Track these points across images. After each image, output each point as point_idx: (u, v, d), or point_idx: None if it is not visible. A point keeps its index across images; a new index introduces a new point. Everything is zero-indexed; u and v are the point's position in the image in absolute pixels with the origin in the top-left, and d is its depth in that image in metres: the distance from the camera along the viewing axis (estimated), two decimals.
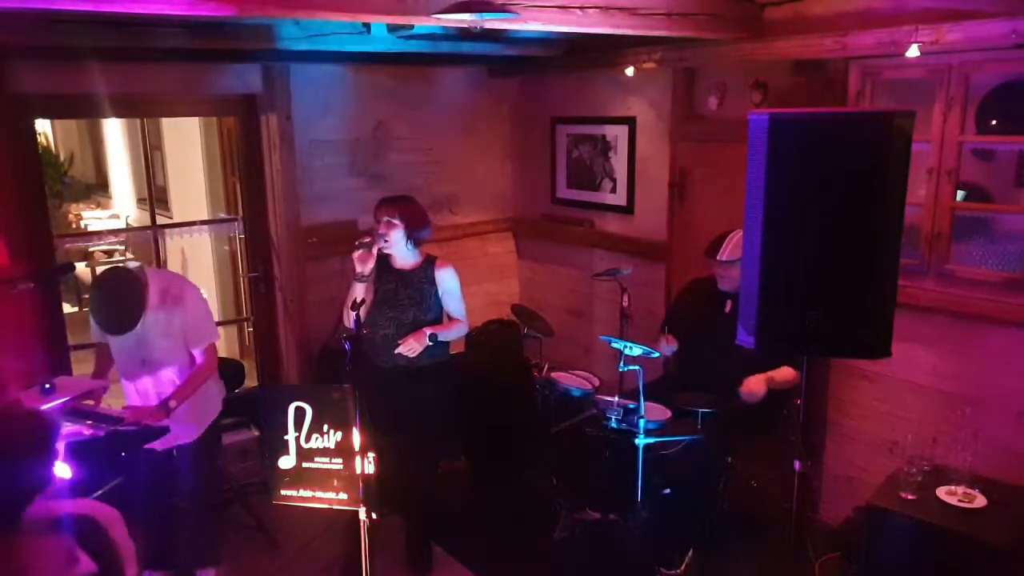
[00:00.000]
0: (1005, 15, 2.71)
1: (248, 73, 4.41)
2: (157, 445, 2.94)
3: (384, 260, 3.41)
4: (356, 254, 3.24)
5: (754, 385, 3.43)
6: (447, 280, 3.43)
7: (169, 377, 3.25)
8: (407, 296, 3.38)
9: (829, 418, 3.89)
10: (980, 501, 2.97)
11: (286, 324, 4.75)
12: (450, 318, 3.48)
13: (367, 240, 3.26)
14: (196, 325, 3.24)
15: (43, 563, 1.25)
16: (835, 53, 3.29)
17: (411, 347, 3.30)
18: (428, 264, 3.44)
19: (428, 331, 3.33)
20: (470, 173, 5.48)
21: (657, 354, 3.47)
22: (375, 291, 3.39)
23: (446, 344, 3.53)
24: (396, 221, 3.31)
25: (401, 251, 3.38)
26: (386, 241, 3.30)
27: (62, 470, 2.60)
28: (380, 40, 3.65)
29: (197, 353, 3.28)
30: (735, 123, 3.65)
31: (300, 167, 4.66)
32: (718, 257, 3.55)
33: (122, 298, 2.97)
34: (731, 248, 3.52)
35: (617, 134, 4.86)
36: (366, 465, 2.47)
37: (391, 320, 3.37)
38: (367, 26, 3.51)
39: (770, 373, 3.45)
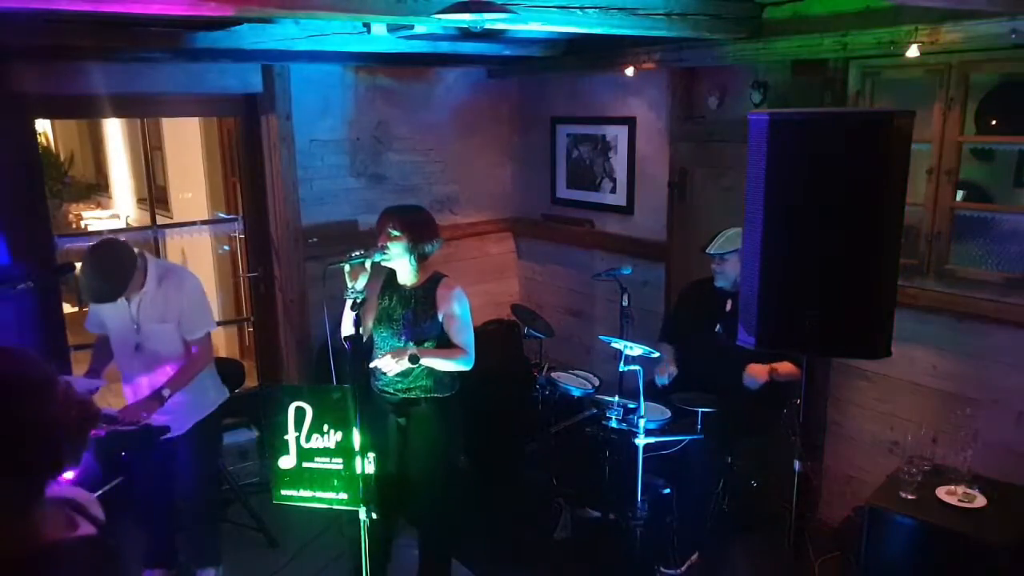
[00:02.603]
0: (1004, 15, 2.71)
1: (248, 73, 4.41)
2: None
3: (391, 274, 3.18)
4: (346, 270, 2.89)
5: (756, 370, 3.45)
6: (450, 302, 3.07)
7: (164, 369, 3.23)
8: (402, 316, 3.09)
9: (829, 418, 3.89)
10: (980, 501, 2.97)
11: (286, 324, 4.75)
12: (453, 346, 3.10)
13: (358, 254, 2.92)
14: (192, 313, 3.23)
15: (50, 528, 1.31)
16: (835, 53, 3.29)
17: (386, 364, 2.97)
18: (432, 283, 3.12)
19: (411, 351, 2.94)
20: (470, 173, 5.48)
21: (657, 353, 3.48)
22: (376, 307, 3.14)
23: (452, 379, 3.16)
24: (398, 232, 3.01)
25: (403, 266, 3.09)
26: (385, 254, 3.01)
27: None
28: (380, 40, 3.65)
29: (193, 342, 3.26)
30: (735, 123, 3.66)
31: (300, 167, 4.65)
32: (707, 250, 3.58)
33: (110, 267, 2.99)
34: (721, 242, 3.54)
35: (617, 134, 4.86)
36: (366, 465, 2.47)
37: (385, 340, 3.10)
38: (367, 26, 3.50)
39: (772, 364, 3.46)
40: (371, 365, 3.07)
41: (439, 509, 3.28)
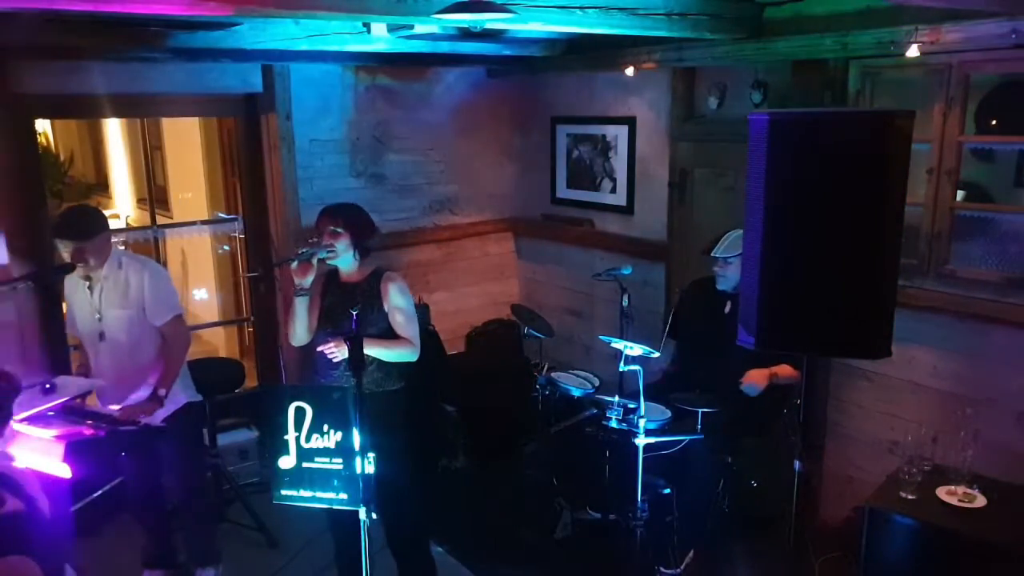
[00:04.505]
0: (1005, 15, 2.71)
1: (248, 73, 4.41)
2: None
3: (332, 273, 3.20)
4: (294, 266, 2.98)
5: (755, 376, 3.42)
6: (393, 294, 3.13)
7: (130, 361, 3.22)
8: (347, 311, 3.05)
9: (829, 418, 3.89)
10: (980, 501, 2.97)
11: (286, 324, 4.74)
12: (398, 337, 3.14)
13: (305, 250, 3.02)
14: (155, 298, 3.23)
15: None
16: (835, 53, 3.29)
17: (330, 350, 2.98)
18: (374, 277, 3.17)
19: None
20: (470, 173, 5.48)
21: (657, 353, 3.47)
22: (320, 306, 3.17)
23: (400, 372, 3.18)
24: (341, 230, 3.08)
25: (347, 262, 3.14)
26: (331, 251, 3.07)
27: (62, 470, 2.60)
28: (380, 40, 3.65)
29: (164, 328, 3.26)
30: (735, 123, 3.66)
31: (300, 167, 4.66)
32: (712, 253, 3.57)
33: (82, 213, 3.27)
34: (726, 245, 3.53)
35: (617, 134, 4.86)
36: (366, 465, 2.47)
37: (330, 336, 3.08)
38: (367, 26, 3.51)
39: (772, 368, 3.45)
40: (318, 349, 3.08)
41: (403, 507, 3.23)
